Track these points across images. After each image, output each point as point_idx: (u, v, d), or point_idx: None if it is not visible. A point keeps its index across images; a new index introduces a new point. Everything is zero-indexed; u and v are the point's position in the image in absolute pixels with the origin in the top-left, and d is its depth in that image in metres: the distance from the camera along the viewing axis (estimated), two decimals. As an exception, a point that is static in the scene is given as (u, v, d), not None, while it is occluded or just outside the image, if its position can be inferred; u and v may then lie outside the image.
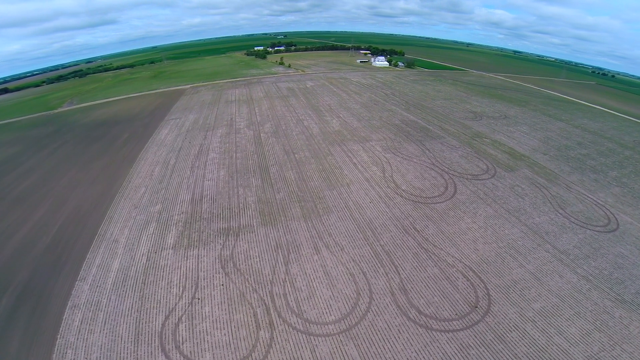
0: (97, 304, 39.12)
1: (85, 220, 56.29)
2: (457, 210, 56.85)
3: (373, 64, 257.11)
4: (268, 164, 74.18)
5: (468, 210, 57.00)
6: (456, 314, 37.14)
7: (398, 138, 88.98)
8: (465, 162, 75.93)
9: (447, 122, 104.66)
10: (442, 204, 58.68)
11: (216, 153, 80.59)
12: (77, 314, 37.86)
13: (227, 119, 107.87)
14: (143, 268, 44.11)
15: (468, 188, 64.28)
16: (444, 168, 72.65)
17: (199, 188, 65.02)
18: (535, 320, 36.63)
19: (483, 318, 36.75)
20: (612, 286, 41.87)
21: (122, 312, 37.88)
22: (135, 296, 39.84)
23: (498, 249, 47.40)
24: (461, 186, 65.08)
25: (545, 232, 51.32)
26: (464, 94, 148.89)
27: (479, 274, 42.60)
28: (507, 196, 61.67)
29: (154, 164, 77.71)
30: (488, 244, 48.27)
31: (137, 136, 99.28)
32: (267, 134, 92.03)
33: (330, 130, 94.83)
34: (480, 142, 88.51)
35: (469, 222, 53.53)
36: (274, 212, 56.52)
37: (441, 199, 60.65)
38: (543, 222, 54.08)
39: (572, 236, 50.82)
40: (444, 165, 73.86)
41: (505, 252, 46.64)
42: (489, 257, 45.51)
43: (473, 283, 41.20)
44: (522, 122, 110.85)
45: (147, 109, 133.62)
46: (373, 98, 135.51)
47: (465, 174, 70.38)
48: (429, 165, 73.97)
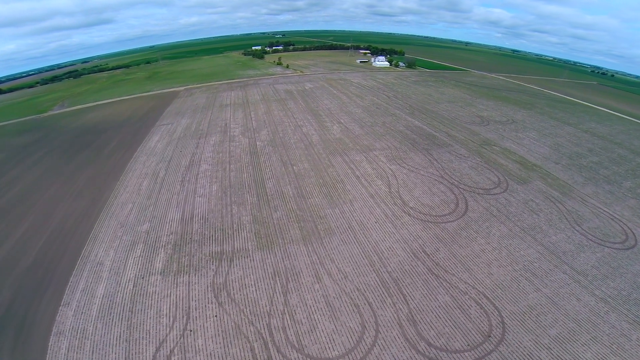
0: (83, 331, 36.97)
1: (69, 238, 52.73)
2: (469, 230, 52.49)
3: (373, 64, 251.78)
4: (264, 178, 68.95)
5: (481, 229, 52.76)
6: (468, 345, 34.72)
7: (403, 147, 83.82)
8: (476, 174, 71.06)
9: (453, 127, 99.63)
10: (453, 223, 54.32)
11: (209, 164, 75.29)
12: (63, 342, 35.87)
13: (221, 124, 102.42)
14: (130, 295, 41.08)
15: (480, 204, 59.94)
16: (454, 181, 67.72)
17: (189, 205, 60.23)
18: (550, 348, 34.64)
19: (496, 347, 34.57)
20: (630, 307, 39.83)
21: (109, 342, 35.63)
22: (122, 325, 37.34)
23: (513, 272, 44.20)
24: (473, 202, 60.59)
25: (563, 252, 48.12)
26: (468, 96, 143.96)
27: (493, 301, 39.79)
28: (522, 212, 57.54)
29: (142, 176, 72.72)
30: (503, 267, 44.92)
31: (126, 144, 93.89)
32: (263, 142, 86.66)
33: (330, 138, 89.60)
34: (489, 151, 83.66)
35: (483, 243, 49.60)
36: (270, 233, 51.92)
37: (452, 217, 56.18)
38: (560, 240, 50.81)
39: (590, 255, 48.06)
40: (453, 178, 68.91)
41: (521, 276, 43.57)
42: (503, 282, 42.57)
43: (487, 311, 38.59)
44: (530, 127, 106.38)
45: (138, 113, 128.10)
46: (375, 101, 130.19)
47: (476, 187, 65.80)
48: (438, 178, 68.96)
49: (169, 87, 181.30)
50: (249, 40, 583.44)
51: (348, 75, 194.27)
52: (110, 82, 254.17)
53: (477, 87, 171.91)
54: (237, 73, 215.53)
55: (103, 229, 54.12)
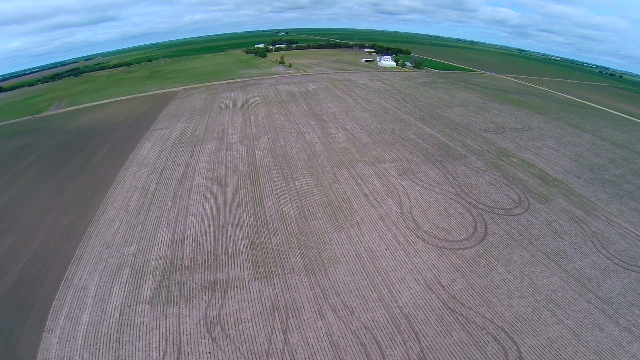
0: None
1: (53, 258, 49.57)
2: (489, 257, 47.67)
3: (379, 63, 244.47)
4: (263, 195, 62.99)
5: (501, 256, 48.00)
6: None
7: (415, 158, 77.29)
8: (495, 192, 64.90)
9: (467, 135, 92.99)
10: (471, 250, 49.33)
11: (203, 177, 69.48)
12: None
13: (219, 130, 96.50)
14: (116, 324, 38.41)
15: (500, 227, 54.68)
16: (471, 200, 61.63)
17: (180, 225, 55.17)
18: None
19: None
20: (653, 335, 36.69)
21: (98, 372, 32.48)
22: (110, 356, 35.20)
23: (535, 303, 40.97)
24: (492, 225, 55.11)
25: (588, 279, 44.94)
26: (480, 100, 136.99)
27: (511, 335, 37.04)
28: (545, 236, 52.76)
29: (132, 189, 67.63)
30: (524, 298, 41.51)
31: (118, 150, 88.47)
32: (262, 152, 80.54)
33: (335, 147, 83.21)
34: (507, 163, 77.22)
35: (503, 271, 45.33)
36: (269, 261, 46.93)
37: (470, 242, 51.05)
38: (585, 266, 47.26)
39: (616, 281, 45.10)
40: (470, 197, 62.75)
41: (543, 307, 40.42)
42: (524, 314, 39.44)
43: (504, 346, 35.98)
44: (548, 134, 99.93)
45: (133, 115, 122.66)
46: (382, 105, 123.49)
47: (495, 207, 60.03)
48: (454, 196, 62.75)
49: (168, 87, 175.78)
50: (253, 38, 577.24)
51: (353, 75, 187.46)
52: (110, 80, 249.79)
53: (488, 89, 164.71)
54: (238, 72, 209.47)
55: (88, 249, 50.31)
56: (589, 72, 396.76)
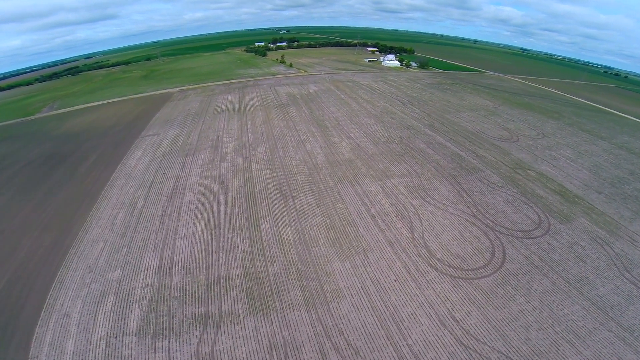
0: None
1: (33, 280, 46.82)
2: (507, 287, 43.50)
3: (383, 63, 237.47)
4: (259, 215, 56.87)
5: (520, 284, 44.13)
6: None
7: (426, 172, 70.90)
8: (513, 211, 59.11)
9: (480, 144, 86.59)
10: (488, 279, 44.74)
11: (194, 194, 63.48)
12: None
13: (213, 137, 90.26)
14: (103, 355, 35.93)
15: (520, 252, 49.70)
16: (488, 222, 55.77)
17: (169, 250, 49.87)
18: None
19: None
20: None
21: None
22: None
23: (554, 334, 38.13)
24: (511, 249, 50.00)
25: (610, 306, 42.24)
26: (490, 103, 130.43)
27: None
28: (567, 260, 48.67)
29: (118, 205, 62.16)
30: (543, 330, 38.56)
31: (106, 159, 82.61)
32: (259, 163, 74.21)
33: (339, 159, 76.72)
34: (524, 177, 71.12)
35: (522, 302, 41.73)
36: (266, 294, 41.98)
37: (487, 270, 46.15)
38: (608, 292, 44.41)
39: (639, 308, 42.44)
40: (487, 217, 56.82)
41: (562, 338, 37.65)
42: (542, 347, 36.76)
43: None
44: (563, 142, 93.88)
45: (125, 119, 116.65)
46: (388, 109, 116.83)
47: (514, 229, 54.54)
48: (470, 217, 56.74)
49: (163, 87, 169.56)
50: (253, 36, 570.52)
51: (356, 76, 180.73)
52: (106, 80, 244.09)
53: (497, 91, 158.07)
54: (236, 72, 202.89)
55: (70, 273, 46.98)
56: (595, 73, 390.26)
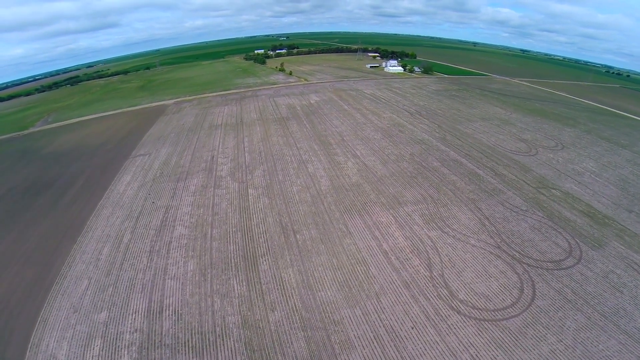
0: None
1: (15, 318, 43.43)
2: (537, 326, 38.26)
3: (385, 69, 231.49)
4: (257, 253, 50.09)
5: (552, 323, 38.91)
6: None
7: (443, 197, 63.69)
8: (540, 239, 52.46)
9: (498, 160, 79.54)
10: (516, 319, 39.00)
11: (185, 227, 56.97)
12: None
13: (207, 158, 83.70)
14: None
15: (551, 286, 44.00)
16: (514, 253, 49.10)
17: (158, 292, 44.28)
18: None
19: None
20: None
21: None
22: None
23: None
24: (541, 284, 44.14)
25: None
26: (502, 110, 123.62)
27: None
28: (602, 292, 43.72)
29: (103, 238, 56.37)
30: None
31: (92, 185, 76.77)
32: (257, 190, 67.31)
33: (345, 183, 69.32)
34: (549, 198, 64.38)
35: (554, 341, 36.81)
36: (267, 345, 36.32)
37: (515, 309, 40.43)
38: None
39: None
40: (513, 248, 50.09)
41: None
42: None
43: None
44: (584, 153, 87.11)
45: (117, 135, 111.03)
46: (396, 121, 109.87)
47: (543, 260, 48.13)
48: (494, 248, 49.92)
49: (159, 99, 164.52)
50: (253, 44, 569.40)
51: (359, 84, 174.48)
52: (104, 91, 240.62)
53: (506, 96, 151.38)
54: (234, 82, 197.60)
55: (54, 312, 43.24)
56: (597, 72, 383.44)
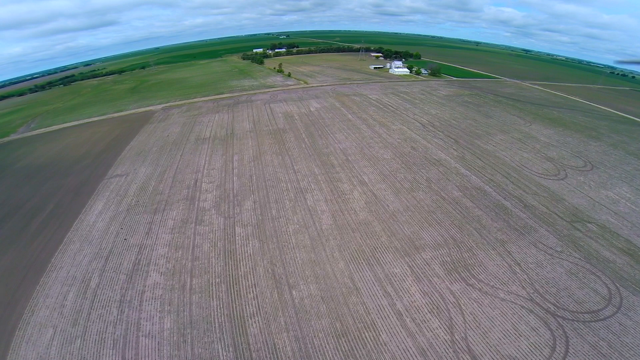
0: None
1: None
2: None
3: (390, 71, 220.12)
4: (245, 312, 40.12)
5: None
6: None
7: (467, 238, 53.12)
8: (577, 286, 43.51)
9: (526, 186, 68.96)
10: None
11: (160, 274, 47.09)
12: None
13: (190, 181, 72.80)
14: None
15: (585, 340, 36.49)
16: (549, 305, 40.29)
17: (131, 350, 36.08)
18: None
19: None
20: None
21: None
22: None
23: None
24: (575, 339, 36.33)
25: None
26: (520, 120, 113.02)
27: None
28: None
29: (68, 281, 47.52)
30: None
31: (63, 211, 67.21)
32: (245, 228, 56.26)
33: (351, 221, 57.59)
34: (585, 234, 54.60)
35: None
36: None
37: None
38: None
39: None
40: (547, 299, 41.10)
41: None
42: None
43: None
44: (615, 174, 76.56)
45: (96, 147, 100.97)
46: (407, 134, 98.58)
47: (579, 312, 39.91)
48: (526, 301, 40.66)
49: (147, 104, 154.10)
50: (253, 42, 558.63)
51: (363, 88, 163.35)
52: (94, 92, 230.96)
53: (521, 102, 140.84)
54: (229, 84, 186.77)
55: None
56: (600, 73, 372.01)
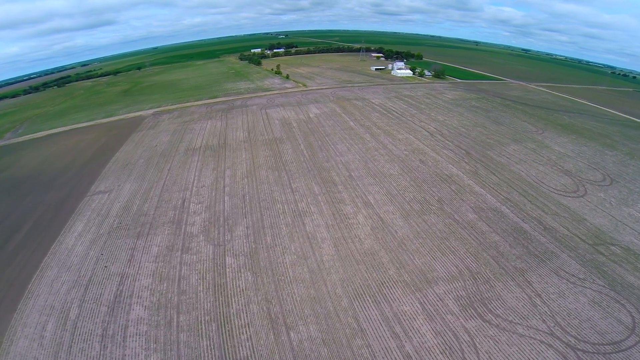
0: None
1: None
2: None
3: (393, 72, 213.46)
4: (238, 355, 34.31)
5: None
6: None
7: (483, 267, 46.88)
8: (601, 316, 39.20)
9: (544, 205, 62.84)
10: None
11: (144, 307, 41.45)
12: None
13: (177, 201, 65.86)
14: None
15: None
16: (569, 339, 35.98)
17: None
18: None
19: None
20: None
21: None
22: None
23: None
24: None
25: None
26: (533, 128, 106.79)
27: None
28: None
29: (47, 310, 42.56)
30: None
31: (41, 231, 61.63)
32: (237, 259, 49.62)
33: (355, 251, 50.39)
34: (609, 257, 49.22)
35: None
36: None
37: None
38: None
39: None
40: (568, 333, 36.79)
41: None
42: None
43: None
44: (636, 189, 70.87)
45: (81, 158, 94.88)
46: (414, 145, 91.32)
47: (601, 343, 35.75)
48: (546, 335, 36.15)
49: (138, 108, 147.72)
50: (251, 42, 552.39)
51: (365, 91, 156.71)
52: (86, 95, 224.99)
53: (530, 107, 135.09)
54: (225, 87, 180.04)
55: None
56: (602, 74, 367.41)
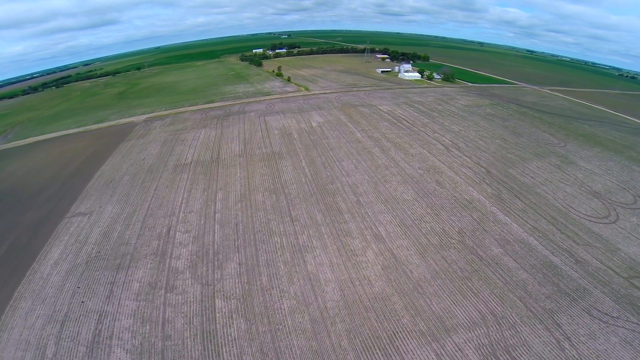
0: None
1: None
2: None
3: (400, 75, 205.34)
4: None
5: None
6: None
7: (508, 310, 39.23)
8: (631, 356, 34.80)
9: (575, 234, 55.03)
10: None
11: (126, 351, 35.33)
12: None
13: (161, 228, 57.71)
14: None
15: None
16: None
17: None
18: None
19: None
20: None
21: None
22: None
23: None
24: None
25: None
26: (553, 139, 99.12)
27: None
28: None
29: (22, 345, 37.31)
30: None
31: (15, 256, 55.06)
32: (228, 302, 42.05)
33: (364, 295, 42.75)
34: None
35: None
36: None
37: None
38: None
39: None
40: None
41: None
42: None
43: None
44: None
45: (66, 170, 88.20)
46: (429, 161, 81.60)
47: None
48: None
49: (130, 113, 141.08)
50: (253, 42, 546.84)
51: (372, 96, 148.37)
52: (82, 97, 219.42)
53: (548, 114, 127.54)
54: (223, 90, 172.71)
55: None
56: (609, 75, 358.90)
